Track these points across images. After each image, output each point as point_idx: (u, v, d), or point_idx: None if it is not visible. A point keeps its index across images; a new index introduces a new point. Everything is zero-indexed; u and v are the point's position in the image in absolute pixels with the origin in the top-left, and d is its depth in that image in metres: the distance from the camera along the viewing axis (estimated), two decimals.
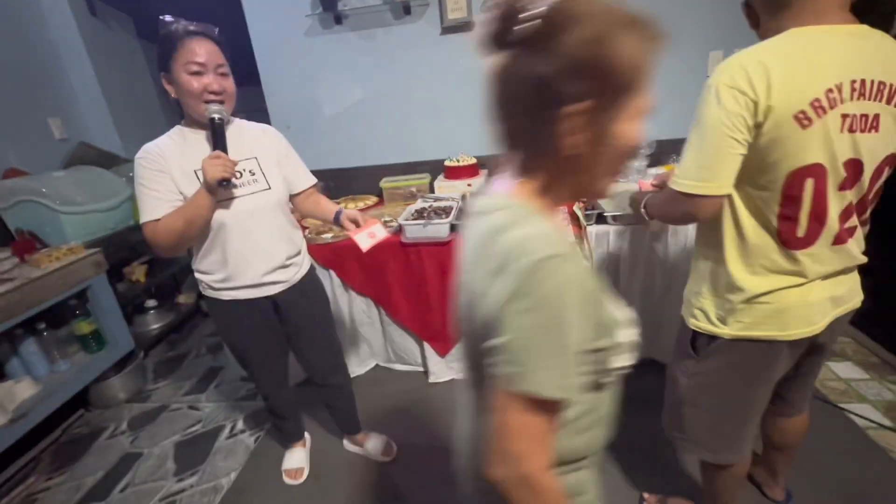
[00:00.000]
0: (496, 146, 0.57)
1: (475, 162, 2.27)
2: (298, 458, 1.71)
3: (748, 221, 0.89)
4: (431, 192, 2.30)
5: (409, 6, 2.20)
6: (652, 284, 1.80)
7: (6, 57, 2.31)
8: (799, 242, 0.87)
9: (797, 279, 0.89)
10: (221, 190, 1.15)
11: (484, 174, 2.27)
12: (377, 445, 1.72)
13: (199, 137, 1.23)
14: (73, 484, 1.77)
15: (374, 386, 2.12)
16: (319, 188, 1.52)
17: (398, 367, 2.24)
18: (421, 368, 2.18)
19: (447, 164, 2.28)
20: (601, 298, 0.55)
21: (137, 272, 2.54)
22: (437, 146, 2.47)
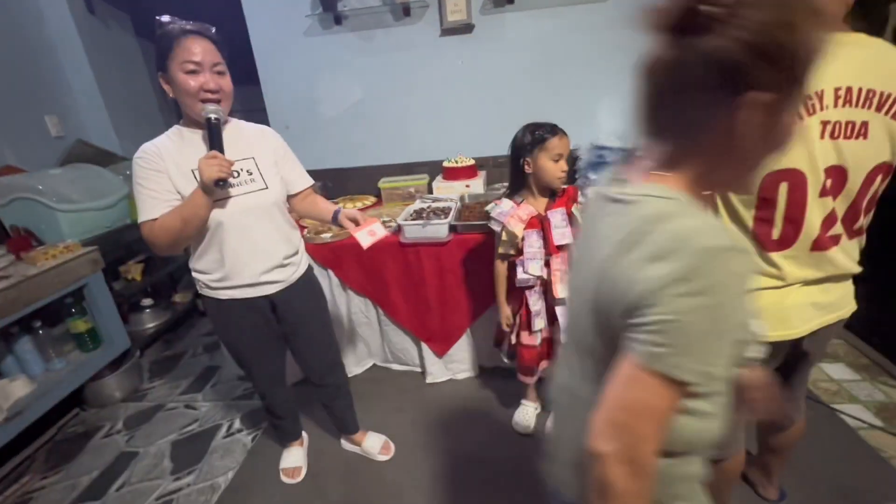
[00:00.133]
0: (640, 136, 0.57)
1: (473, 163, 2.29)
2: (296, 457, 1.71)
3: (727, 222, 0.92)
4: (430, 192, 2.32)
5: (408, 7, 2.21)
6: None
7: (3, 54, 2.30)
8: (773, 244, 0.88)
9: (775, 281, 0.91)
10: (218, 189, 1.15)
11: (482, 174, 2.29)
12: (375, 444, 1.73)
13: (196, 137, 1.23)
14: (68, 483, 1.76)
15: (371, 386, 2.13)
16: (317, 189, 1.53)
17: (395, 367, 2.24)
18: (418, 369, 2.19)
19: (445, 164, 2.29)
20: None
21: (133, 271, 2.53)
22: (435, 147, 2.48)
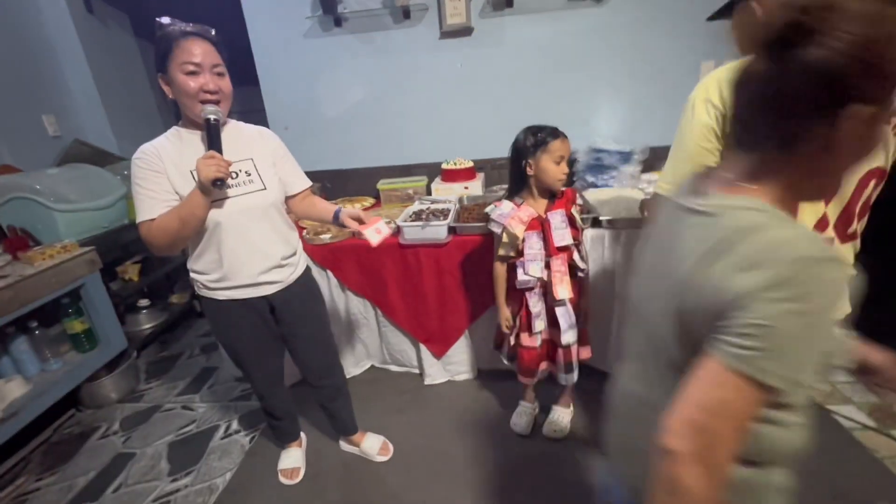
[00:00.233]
0: (731, 147, 0.58)
1: (472, 165, 2.30)
2: (294, 457, 1.71)
3: None
4: (428, 194, 2.32)
5: (408, 10, 2.22)
6: None
7: (1, 53, 2.29)
8: None
9: None
10: (216, 190, 1.16)
11: (480, 176, 2.30)
12: (374, 445, 1.73)
13: (195, 138, 1.23)
14: (64, 484, 1.75)
15: (369, 387, 2.13)
16: (315, 190, 1.53)
17: (394, 368, 2.25)
18: (416, 370, 2.19)
19: (444, 166, 2.30)
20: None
21: (131, 271, 2.52)
22: (433, 149, 2.49)
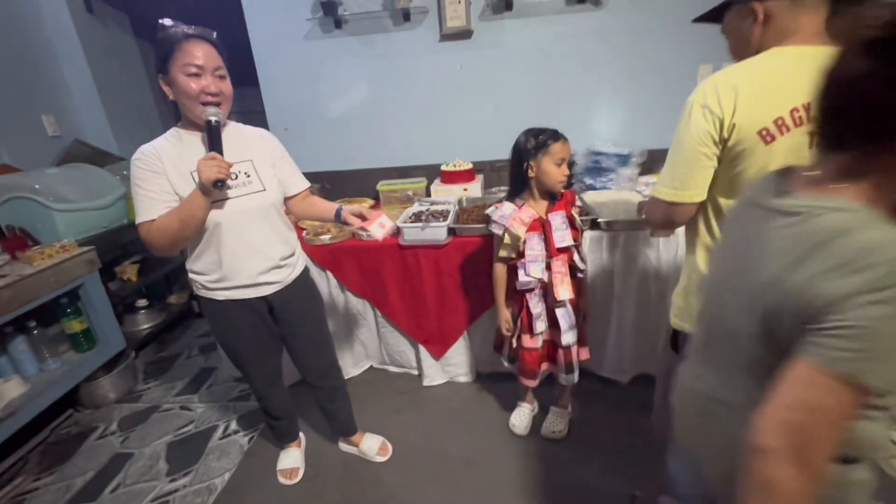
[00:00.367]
0: (816, 148, 0.59)
1: (471, 167, 2.31)
2: (293, 458, 1.71)
3: (718, 228, 0.96)
4: (427, 195, 2.33)
5: (408, 13, 2.23)
6: (647, 293, 1.81)
7: (1, 53, 2.29)
8: None
9: None
10: (216, 191, 1.16)
11: (479, 178, 2.31)
12: (373, 445, 1.73)
13: (195, 139, 1.24)
14: (62, 484, 1.74)
15: (368, 387, 2.13)
16: (314, 191, 1.54)
17: (392, 369, 2.25)
18: (415, 371, 2.20)
19: (444, 168, 2.31)
20: None
21: (129, 271, 2.52)
22: (433, 151, 2.49)
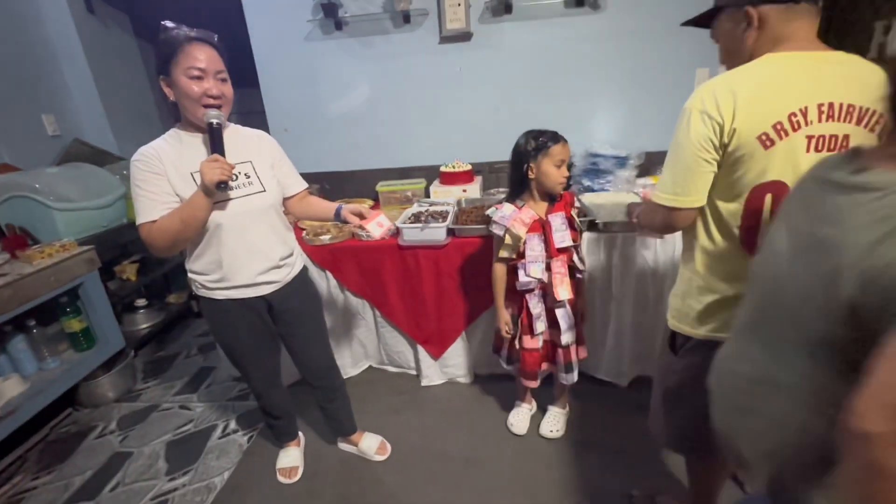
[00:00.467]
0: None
1: (470, 168, 2.32)
2: (293, 457, 1.72)
3: (716, 231, 0.97)
4: (427, 196, 2.35)
5: (408, 15, 2.24)
6: (644, 294, 1.82)
7: (2, 52, 2.29)
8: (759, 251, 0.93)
9: None
10: (218, 192, 1.18)
11: (478, 179, 2.33)
12: (372, 444, 1.74)
13: (195, 140, 1.25)
14: (60, 483, 1.75)
15: (367, 387, 2.14)
16: (314, 191, 1.56)
17: (391, 369, 2.26)
18: (413, 371, 2.21)
19: (443, 169, 2.33)
20: None
21: (128, 271, 2.52)
22: (432, 152, 2.51)
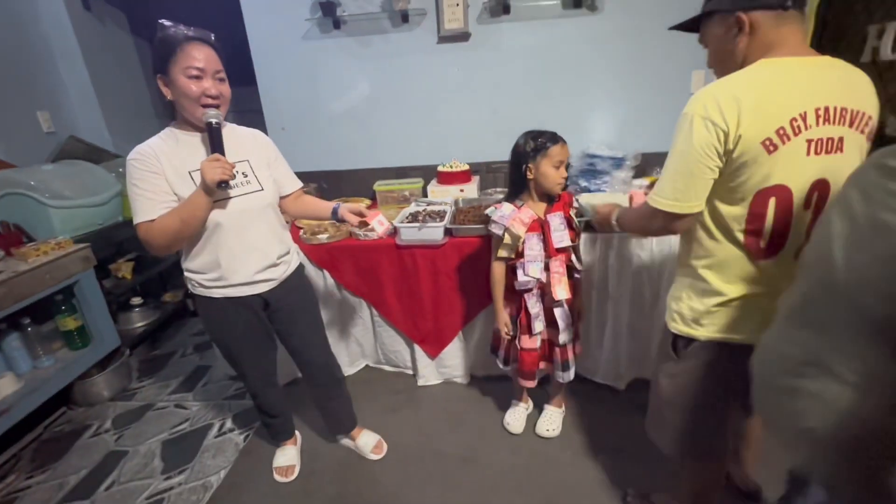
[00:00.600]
0: None
1: (467, 168, 2.33)
2: (289, 455, 1.72)
3: (720, 235, 0.98)
4: (424, 196, 2.35)
5: (406, 15, 2.24)
6: (641, 294, 1.83)
7: None
8: (762, 253, 0.94)
9: (766, 287, 0.96)
10: (219, 191, 1.18)
11: (475, 179, 2.34)
12: (369, 441, 1.75)
13: (191, 139, 1.24)
14: (55, 482, 1.74)
15: (363, 386, 2.14)
16: (311, 190, 1.56)
17: (388, 368, 2.26)
18: (410, 371, 2.21)
19: (440, 169, 2.33)
20: None
21: (124, 269, 2.51)
22: (429, 152, 2.51)
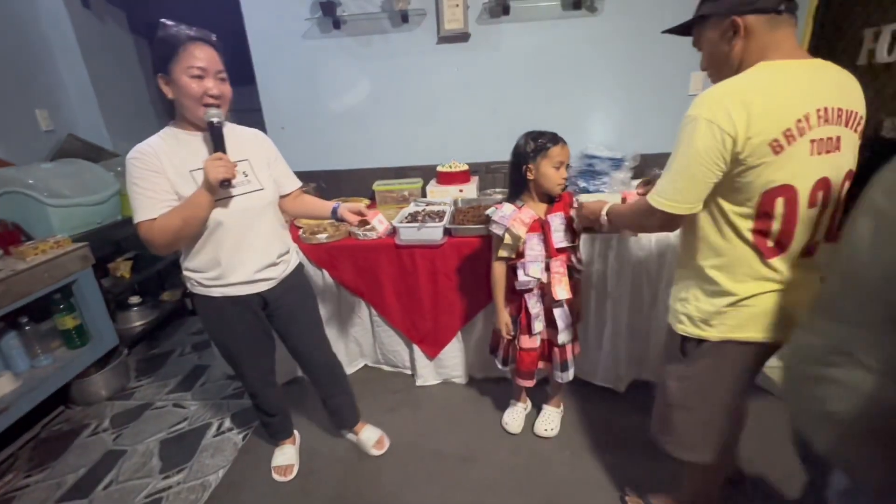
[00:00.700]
0: None
1: (467, 168, 2.33)
2: (288, 455, 1.72)
3: (727, 232, 0.98)
4: (423, 196, 2.35)
5: (406, 15, 2.25)
6: (640, 295, 1.83)
7: None
8: (770, 252, 0.95)
9: (775, 285, 0.98)
10: (221, 190, 1.18)
11: (475, 180, 2.34)
12: (371, 436, 1.75)
13: (192, 139, 1.25)
14: (53, 481, 1.73)
15: (362, 386, 2.13)
16: (310, 190, 1.56)
17: (386, 368, 2.27)
18: (408, 371, 2.22)
19: (440, 169, 2.33)
20: None
21: (122, 268, 2.50)
22: (428, 152, 2.51)
